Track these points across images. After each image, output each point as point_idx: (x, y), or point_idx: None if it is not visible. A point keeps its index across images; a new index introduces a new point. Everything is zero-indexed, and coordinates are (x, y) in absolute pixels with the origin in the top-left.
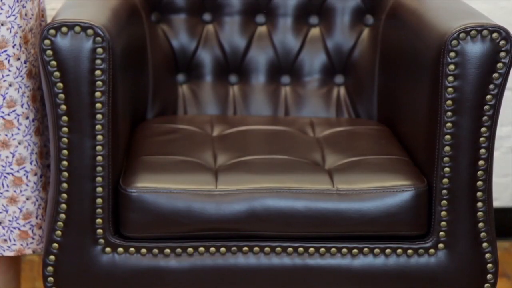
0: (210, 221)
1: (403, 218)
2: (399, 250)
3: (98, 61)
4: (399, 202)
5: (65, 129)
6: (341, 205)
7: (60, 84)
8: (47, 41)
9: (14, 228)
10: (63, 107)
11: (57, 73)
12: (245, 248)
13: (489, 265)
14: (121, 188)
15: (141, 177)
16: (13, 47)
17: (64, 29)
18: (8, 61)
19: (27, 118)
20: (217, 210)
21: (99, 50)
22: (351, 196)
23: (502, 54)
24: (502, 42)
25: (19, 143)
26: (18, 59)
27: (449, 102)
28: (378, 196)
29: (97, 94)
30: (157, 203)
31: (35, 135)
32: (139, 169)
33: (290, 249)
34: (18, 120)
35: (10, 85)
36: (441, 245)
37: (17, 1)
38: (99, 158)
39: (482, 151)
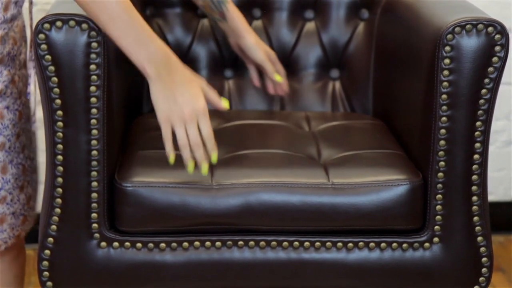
0: (206, 215)
1: (398, 212)
2: (394, 244)
3: (93, 55)
4: (394, 196)
5: (60, 123)
6: (336, 199)
7: (54, 79)
8: (41, 35)
9: None
10: (58, 101)
11: (51, 68)
12: (241, 242)
13: (484, 259)
14: (116, 182)
15: (136, 172)
16: None
17: (58, 23)
18: None
19: None
20: (213, 204)
21: (94, 44)
22: (346, 190)
23: (498, 48)
24: (497, 36)
25: None
26: None
27: (444, 96)
28: (373, 190)
29: (92, 88)
30: (152, 197)
31: None
32: (135, 163)
33: (285, 243)
34: None
35: None
36: (436, 239)
37: None
38: (94, 152)
39: (477, 145)
